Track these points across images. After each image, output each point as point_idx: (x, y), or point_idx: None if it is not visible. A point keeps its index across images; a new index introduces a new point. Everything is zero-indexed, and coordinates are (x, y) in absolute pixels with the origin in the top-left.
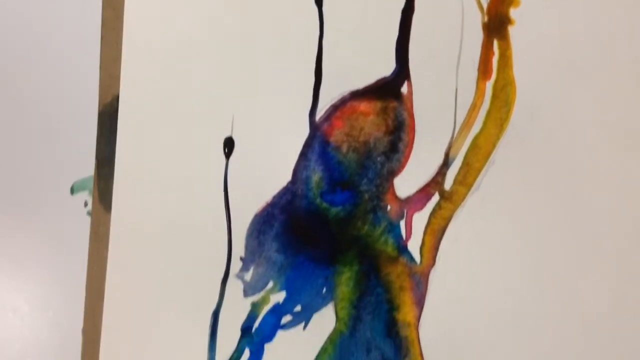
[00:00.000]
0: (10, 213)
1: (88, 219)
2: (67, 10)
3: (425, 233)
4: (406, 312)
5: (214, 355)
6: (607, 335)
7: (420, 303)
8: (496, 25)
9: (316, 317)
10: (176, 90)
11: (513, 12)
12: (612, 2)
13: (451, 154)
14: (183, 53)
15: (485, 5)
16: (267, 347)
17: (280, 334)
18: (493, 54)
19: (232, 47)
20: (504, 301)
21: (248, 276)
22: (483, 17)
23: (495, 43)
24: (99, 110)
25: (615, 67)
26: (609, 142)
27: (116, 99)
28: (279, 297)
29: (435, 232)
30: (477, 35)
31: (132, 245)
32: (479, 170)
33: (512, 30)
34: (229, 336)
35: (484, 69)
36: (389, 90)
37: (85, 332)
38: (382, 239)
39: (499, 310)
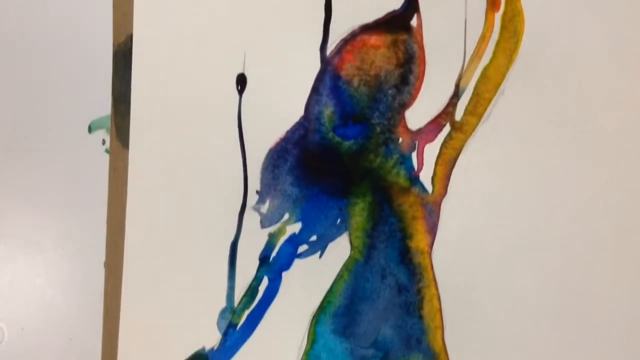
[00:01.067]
0: (29, 153)
1: (106, 157)
2: None
3: (436, 163)
4: (419, 240)
5: (234, 283)
6: (614, 251)
7: (432, 231)
8: None
9: (331, 247)
10: (188, 28)
11: None
12: None
13: (461, 85)
14: (198, 3)
15: None
16: (285, 275)
17: (296, 262)
18: None
19: None
20: (514, 227)
21: (264, 208)
22: None
23: None
24: (113, 50)
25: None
26: (616, 70)
27: (130, 38)
28: (295, 228)
29: (447, 163)
30: None
31: (151, 181)
32: (489, 101)
33: None
34: (248, 266)
35: (492, 1)
36: (399, 23)
37: (108, 265)
38: (395, 170)
39: (510, 237)
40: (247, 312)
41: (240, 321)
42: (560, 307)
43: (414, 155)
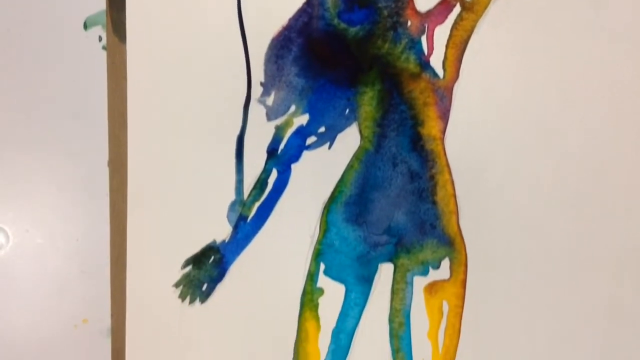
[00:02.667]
0: (27, 54)
1: (104, 53)
2: None
3: (447, 46)
4: (431, 127)
5: (242, 176)
6: (632, 132)
7: (445, 117)
8: None
9: (340, 137)
10: None
11: None
12: None
13: None
14: None
15: None
16: (294, 167)
17: (305, 154)
18: None
19: None
20: (529, 110)
21: (270, 101)
22: None
23: None
24: None
25: None
26: None
27: None
28: (302, 119)
29: (458, 45)
30: None
31: (150, 74)
32: None
33: None
34: (255, 159)
35: None
36: None
37: (111, 162)
38: (404, 56)
39: (525, 120)
40: (257, 205)
41: (250, 214)
42: (577, 188)
43: (423, 38)
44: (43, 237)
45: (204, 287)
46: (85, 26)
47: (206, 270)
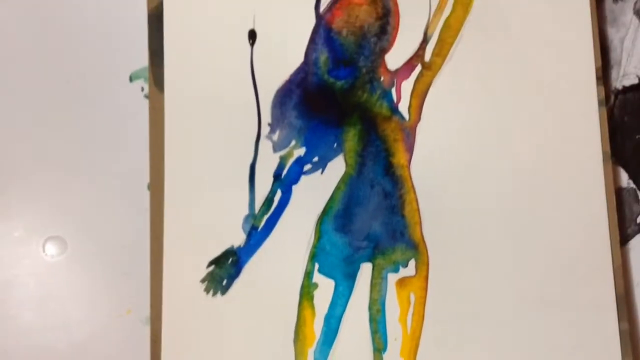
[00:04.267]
0: (82, 100)
1: (146, 101)
2: None
3: (411, 96)
4: (400, 157)
5: (254, 195)
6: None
7: (410, 150)
8: None
9: (330, 165)
10: (208, 1)
11: None
12: None
13: (429, 33)
14: None
15: None
16: (294, 188)
17: (303, 178)
18: None
19: None
20: (474, 144)
21: (275, 137)
22: None
23: None
24: (148, 13)
25: None
26: (551, 19)
27: (161, 3)
28: (300, 151)
29: (420, 95)
30: None
31: (183, 117)
32: (451, 44)
33: None
34: (264, 182)
35: None
36: None
37: (151, 185)
38: (378, 103)
39: (471, 151)
40: (265, 217)
41: (260, 224)
42: (512, 203)
43: (393, 90)
44: (96, 245)
45: (224, 282)
46: (131, 79)
47: (226, 269)
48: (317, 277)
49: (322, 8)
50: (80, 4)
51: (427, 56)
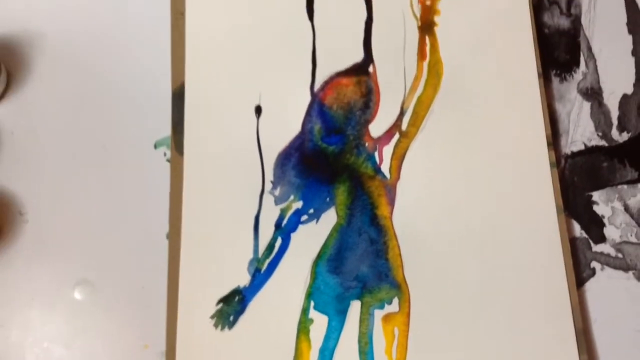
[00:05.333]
0: (110, 163)
1: (168, 165)
2: (141, 28)
3: (391, 159)
4: (383, 209)
5: (258, 242)
6: (519, 210)
7: (392, 203)
8: (426, 27)
9: (323, 216)
10: (222, 79)
11: (437, 19)
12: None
13: (405, 107)
14: (228, 61)
15: (418, 15)
16: (293, 235)
17: (300, 227)
18: (426, 44)
19: (260, 52)
20: (445, 197)
21: (277, 192)
22: (418, 22)
23: (427, 38)
24: (172, 92)
25: (502, 45)
26: (501, 97)
27: (183, 84)
28: (298, 204)
29: (398, 158)
30: (415, 34)
31: (199, 176)
32: (424, 117)
33: (436, 29)
34: (267, 230)
35: (421, 54)
36: (361, 70)
37: (170, 235)
38: (364, 164)
39: (443, 203)
40: (267, 261)
41: (263, 267)
42: (482, 250)
43: (376, 154)
44: (119, 287)
45: (231, 318)
46: (155, 146)
47: (233, 306)
48: (313, 314)
49: (316, 88)
50: (115, 83)
51: (404, 126)
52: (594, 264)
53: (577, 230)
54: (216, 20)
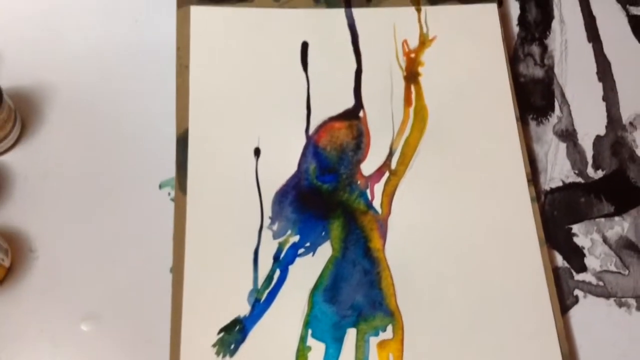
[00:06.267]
0: (119, 203)
1: (172, 204)
2: (148, 79)
3: (382, 195)
4: (375, 242)
5: (257, 274)
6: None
7: (383, 237)
8: (411, 77)
9: (319, 249)
10: (223, 124)
11: (421, 69)
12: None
13: (393, 148)
14: (228, 108)
15: (404, 66)
16: (290, 267)
17: (298, 260)
18: (411, 92)
19: (259, 100)
20: (434, 231)
21: (275, 227)
22: (403, 72)
23: (412, 87)
24: (176, 137)
25: (482, 93)
26: (482, 139)
27: (187, 130)
28: (295, 238)
29: (389, 194)
30: (401, 82)
31: (202, 214)
32: (411, 157)
33: (421, 79)
34: (265, 263)
35: (407, 101)
36: (352, 115)
37: (174, 269)
38: (357, 201)
39: (432, 236)
40: (266, 292)
41: (262, 297)
42: (470, 279)
43: (368, 191)
44: (125, 319)
45: (232, 346)
46: (160, 187)
47: (233, 335)
48: (311, 341)
49: (310, 131)
50: (123, 130)
51: (393, 165)
52: (576, 291)
53: (560, 260)
54: (217, 72)
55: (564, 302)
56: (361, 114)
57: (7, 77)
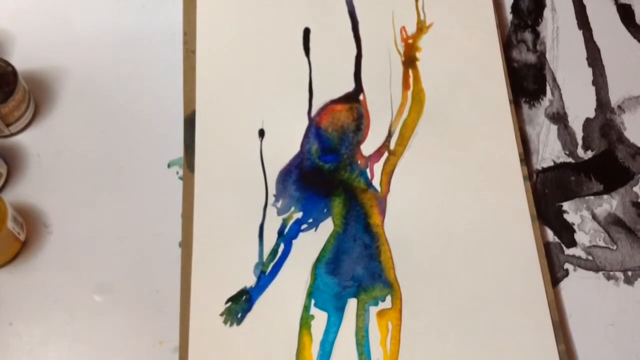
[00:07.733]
0: (130, 181)
1: (180, 182)
2: (156, 63)
3: (381, 174)
4: (375, 219)
5: (262, 248)
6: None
7: (383, 213)
8: (409, 61)
9: (322, 225)
10: (229, 106)
11: (418, 54)
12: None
13: (392, 130)
14: (233, 91)
15: (402, 51)
16: (294, 242)
17: (301, 235)
18: (409, 76)
19: (263, 84)
20: (431, 207)
21: (279, 204)
22: (401, 57)
23: (410, 71)
24: (184, 118)
25: (477, 77)
26: (477, 121)
27: (194, 111)
28: (299, 215)
29: (388, 174)
30: (399, 67)
31: (209, 192)
32: (409, 138)
33: (418, 63)
34: (270, 238)
35: (405, 84)
36: (352, 98)
37: (183, 243)
38: (357, 180)
39: (430, 212)
40: (271, 264)
41: (267, 270)
42: (465, 254)
43: (368, 170)
44: (136, 290)
45: (239, 315)
46: (169, 166)
47: (240, 304)
48: (314, 310)
49: (312, 113)
50: (132, 112)
51: (392, 146)
52: (567, 265)
53: (551, 235)
54: (223, 57)
55: (554, 275)
56: (361, 97)
57: (22, 60)
